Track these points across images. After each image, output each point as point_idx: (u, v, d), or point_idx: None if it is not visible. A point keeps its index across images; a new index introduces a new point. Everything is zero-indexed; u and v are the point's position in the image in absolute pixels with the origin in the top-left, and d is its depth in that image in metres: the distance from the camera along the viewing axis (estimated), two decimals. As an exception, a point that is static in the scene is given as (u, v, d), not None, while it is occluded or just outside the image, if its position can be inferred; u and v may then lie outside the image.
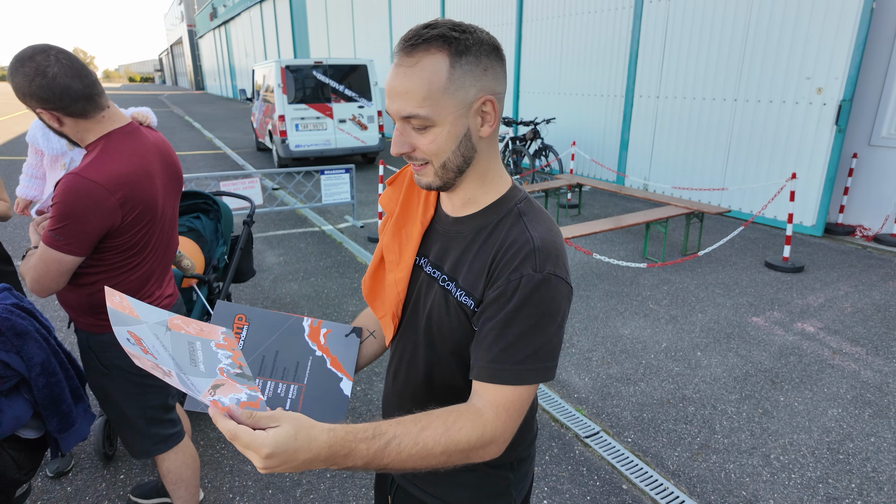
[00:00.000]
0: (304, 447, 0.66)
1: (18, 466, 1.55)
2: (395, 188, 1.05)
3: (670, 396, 2.95)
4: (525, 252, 0.82)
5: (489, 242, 0.88)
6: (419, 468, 0.75)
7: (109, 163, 1.43)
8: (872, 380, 3.10)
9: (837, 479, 2.36)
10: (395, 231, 1.00)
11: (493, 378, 0.81)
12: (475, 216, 0.92)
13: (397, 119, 0.83)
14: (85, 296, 1.55)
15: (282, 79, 8.91)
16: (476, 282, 0.86)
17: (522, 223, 0.87)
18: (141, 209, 1.50)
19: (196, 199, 2.80)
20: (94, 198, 1.37)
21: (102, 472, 2.36)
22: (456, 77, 0.79)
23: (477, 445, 0.78)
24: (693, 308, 4.03)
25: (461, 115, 0.81)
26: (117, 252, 1.51)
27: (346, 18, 17.28)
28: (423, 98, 0.78)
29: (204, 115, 21.71)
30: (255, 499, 2.24)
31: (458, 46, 0.78)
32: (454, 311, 0.89)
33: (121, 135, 1.50)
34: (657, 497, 2.25)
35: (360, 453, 0.71)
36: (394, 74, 0.80)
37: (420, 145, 0.83)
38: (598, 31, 8.15)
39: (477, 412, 0.79)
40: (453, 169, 0.85)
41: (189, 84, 56.08)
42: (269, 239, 5.83)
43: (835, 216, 5.97)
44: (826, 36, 5.40)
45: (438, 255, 0.94)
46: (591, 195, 7.83)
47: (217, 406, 0.66)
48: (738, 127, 6.40)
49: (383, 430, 0.73)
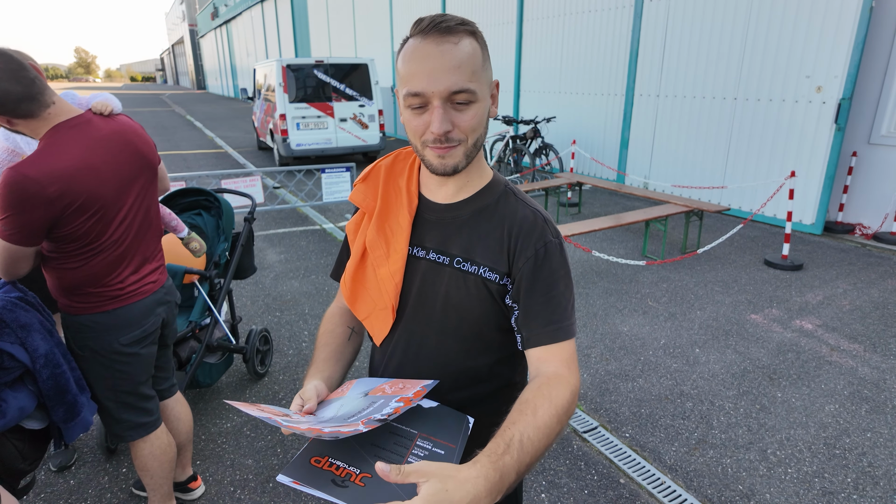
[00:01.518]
0: (459, 492, 0.63)
1: (23, 457, 1.57)
2: (370, 184, 1.05)
3: (668, 392, 2.97)
4: (539, 222, 0.94)
5: (496, 220, 0.95)
6: (545, 449, 0.78)
7: (48, 157, 1.45)
8: (870, 376, 3.11)
9: (833, 473, 2.38)
10: (379, 225, 1.00)
11: (555, 338, 0.90)
12: (472, 199, 0.97)
13: (440, 97, 0.83)
14: (55, 279, 1.62)
15: (283, 78, 8.93)
16: (497, 257, 0.93)
17: (520, 200, 0.98)
18: (83, 201, 1.51)
19: (197, 195, 2.82)
20: (28, 191, 1.40)
21: (105, 466, 2.39)
22: (486, 58, 0.87)
23: (572, 401, 0.85)
24: (692, 305, 4.05)
25: (487, 93, 0.88)
26: (69, 241, 1.55)
27: (347, 17, 17.30)
28: (472, 72, 0.83)
29: (205, 114, 21.74)
30: (256, 492, 2.26)
31: (478, 35, 0.87)
32: (476, 290, 0.93)
33: (66, 128, 1.52)
34: (654, 491, 2.26)
35: (509, 467, 0.70)
36: (439, 51, 0.81)
37: (461, 122, 0.85)
38: (599, 30, 8.16)
39: (558, 375, 0.87)
40: (479, 146, 0.91)
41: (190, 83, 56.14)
42: (270, 237, 5.85)
43: (834, 214, 5.98)
44: (826, 34, 5.41)
45: (438, 241, 0.97)
46: (591, 194, 7.85)
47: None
48: (737, 125, 6.41)
49: (509, 435, 0.74)
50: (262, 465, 2.41)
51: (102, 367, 1.72)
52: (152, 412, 1.88)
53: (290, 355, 3.37)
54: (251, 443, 2.57)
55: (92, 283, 1.63)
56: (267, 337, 3.19)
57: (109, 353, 1.70)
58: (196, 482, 2.24)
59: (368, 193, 1.04)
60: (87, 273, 1.61)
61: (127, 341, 1.71)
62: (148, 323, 1.76)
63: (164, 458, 1.92)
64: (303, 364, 3.26)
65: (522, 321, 0.92)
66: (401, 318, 1.01)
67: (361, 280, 1.03)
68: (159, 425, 1.91)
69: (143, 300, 1.75)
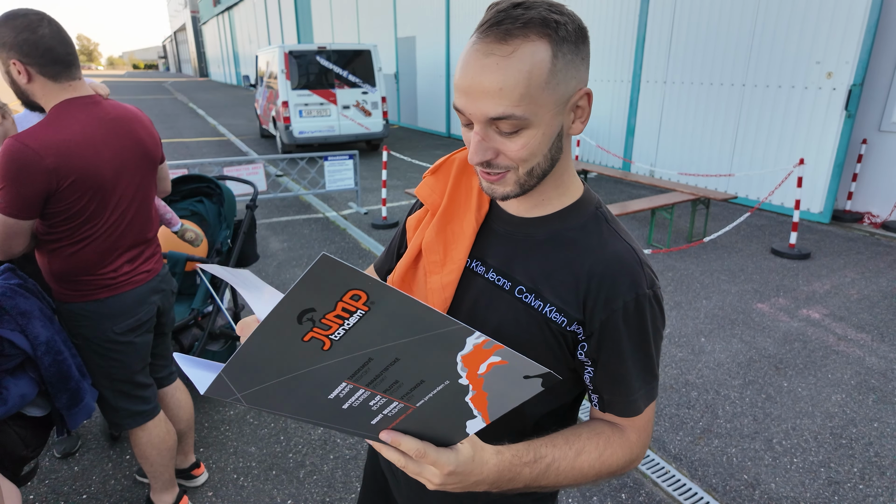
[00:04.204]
0: (477, 470, 0.65)
1: (25, 444, 1.57)
2: (440, 178, 0.91)
3: (673, 382, 2.95)
4: (632, 265, 0.76)
5: (575, 251, 0.78)
6: (566, 486, 0.77)
7: (49, 129, 1.47)
8: (877, 366, 3.08)
9: (840, 463, 2.36)
10: (441, 227, 0.87)
11: (639, 410, 0.80)
12: (550, 218, 0.81)
13: (479, 121, 0.68)
14: (48, 264, 1.61)
15: (285, 65, 8.86)
16: (570, 297, 0.76)
17: (612, 230, 0.80)
18: (77, 177, 1.51)
19: (199, 182, 2.80)
20: (25, 160, 1.41)
21: (108, 453, 2.39)
22: (558, 69, 0.67)
23: (625, 468, 0.79)
24: (698, 294, 4.02)
25: (558, 112, 0.69)
26: (62, 220, 1.54)
27: (350, 3, 17.12)
28: (521, 95, 0.65)
29: (208, 101, 21.66)
30: (259, 479, 2.26)
31: (561, 31, 0.66)
32: (537, 329, 0.78)
33: (77, 104, 1.55)
34: (659, 480, 2.25)
35: (523, 477, 0.70)
36: (480, 66, 0.65)
37: (508, 151, 0.70)
38: (605, 16, 8.04)
39: (624, 437, 0.79)
40: (539, 175, 0.74)
41: (193, 71, 55.91)
42: (272, 225, 5.84)
43: (843, 203, 5.91)
44: (836, 19, 5.30)
45: (502, 259, 0.82)
46: (596, 182, 7.78)
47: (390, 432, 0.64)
48: (745, 112, 6.32)
49: (542, 453, 0.72)
50: (265, 453, 2.42)
51: (96, 356, 1.71)
52: (149, 400, 1.88)
53: (293, 343, 3.36)
54: (254, 430, 2.57)
55: (84, 271, 1.62)
56: (270, 325, 3.18)
57: (103, 342, 1.69)
58: (199, 469, 2.24)
59: (436, 189, 0.91)
60: (79, 260, 1.60)
61: (121, 330, 1.70)
62: (142, 311, 1.76)
63: (162, 447, 1.92)
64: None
65: (600, 385, 0.80)
66: None
67: (410, 284, 0.91)
68: (157, 413, 1.91)
69: (137, 289, 1.74)
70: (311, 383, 0.59)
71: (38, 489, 2.19)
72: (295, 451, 2.44)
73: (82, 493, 2.18)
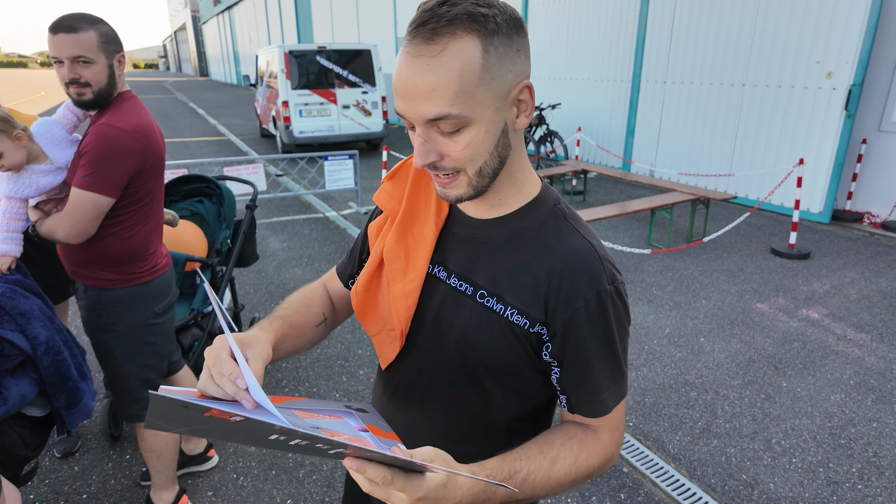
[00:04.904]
0: (450, 494, 0.63)
1: (25, 444, 1.58)
2: (397, 184, 0.90)
3: (672, 382, 2.95)
4: (592, 261, 0.75)
5: (535, 250, 0.77)
6: (546, 496, 0.75)
7: (131, 115, 1.62)
8: (876, 366, 3.09)
9: (838, 463, 2.36)
10: (401, 234, 0.85)
11: (608, 409, 0.79)
12: (509, 218, 0.80)
13: (419, 123, 0.68)
14: (103, 248, 1.69)
15: (285, 64, 8.86)
16: (531, 298, 0.76)
17: (571, 227, 0.78)
18: (155, 159, 1.68)
19: (199, 182, 2.80)
20: (122, 143, 1.56)
21: (109, 453, 2.40)
22: (491, 64, 0.65)
23: (601, 469, 0.78)
24: (697, 294, 4.02)
25: (499, 108, 0.68)
26: (134, 201, 1.68)
27: (350, 2, 17.12)
28: (455, 94, 0.64)
29: (208, 101, 21.66)
30: (258, 479, 2.27)
31: (490, 25, 0.65)
32: (500, 333, 0.77)
33: (130, 95, 1.71)
34: (657, 480, 2.26)
35: (498, 495, 0.68)
36: (411, 68, 0.65)
37: (451, 152, 0.69)
38: (605, 15, 8.03)
39: (598, 439, 0.78)
40: (489, 174, 0.73)
41: (193, 70, 55.90)
42: (272, 225, 5.84)
43: (842, 203, 5.91)
44: (836, 19, 5.30)
45: (464, 264, 0.81)
46: (596, 181, 7.79)
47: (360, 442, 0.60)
48: (745, 112, 6.32)
49: (517, 467, 0.70)
50: (265, 453, 2.42)
51: (134, 342, 1.78)
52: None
53: (293, 343, 3.36)
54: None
55: (140, 252, 1.74)
56: (270, 325, 3.18)
57: (143, 325, 1.78)
58: (212, 450, 2.36)
59: (394, 194, 0.89)
60: (135, 242, 1.72)
61: (160, 310, 1.82)
62: (172, 292, 1.91)
63: (170, 438, 1.96)
64: (306, 353, 3.25)
65: (567, 385, 0.79)
66: (411, 348, 0.86)
67: (374, 292, 0.90)
68: None
69: (167, 272, 1.88)
70: (244, 432, 0.60)
71: (38, 489, 2.20)
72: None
73: (82, 492, 2.18)
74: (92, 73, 1.56)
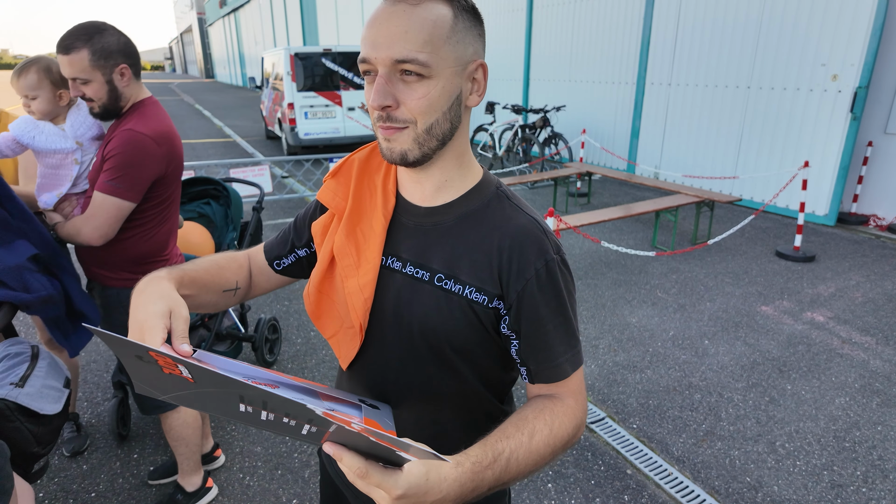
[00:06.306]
0: (435, 488, 0.61)
1: (37, 441, 1.60)
2: (341, 181, 0.91)
3: (676, 384, 2.96)
4: (537, 234, 0.80)
5: (484, 230, 0.81)
6: (530, 473, 0.75)
7: (154, 121, 1.66)
8: (882, 369, 3.08)
9: (843, 466, 2.36)
10: (350, 229, 0.87)
11: (565, 373, 0.81)
12: (455, 204, 0.83)
13: (385, 64, 0.71)
14: (121, 250, 1.74)
15: (291, 66, 8.90)
16: (485, 275, 0.79)
17: (514, 206, 0.83)
18: (176, 164, 1.74)
19: (206, 185, 2.83)
20: (145, 148, 1.60)
21: (117, 452, 2.42)
22: (459, 29, 0.73)
23: (575, 435, 0.80)
24: (702, 297, 4.02)
25: (457, 72, 0.74)
26: (154, 204, 1.73)
27: (355, 5, 17.18)
28: (425, 41, 0.70)
29: (214, 103, 21.77)
30: (264, 479, 2.29)
31: (461, 2, 0.74)
32: (461, 313, 0.80)
33: (152, 101, 1.75)
34: (661, 482, 2.26)
35: (487, 481, 0.68)
36: (388, 14, 0.71)
37: (408, 100, 0.72)
38: (610, 18, 8.04)
39: (565, 405, 0.80)
40: (438, 136, 0.76)
41: (199, 72, 56.17)
42: (278, 226, 5.87)
43: (848, 205, 5.89)
44: (842, 21, 5.29)
45: (417, 252, 0.83)
46: (600, 183, 7.78)
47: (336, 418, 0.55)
48: (750, 114, 6.31)
49: (499, 448, 0.70)
50: (271, 453, 2.44)
51: None
52: None
53: (298, 344, 3.39)
54: (259, 430, 2.59)
55: (159, 252, 1.79)
56: (276, 326, 3.21)
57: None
58: (218, 450, 2.37)
59: (339, 192, 0.91)
60: (155, 243, 1.78)
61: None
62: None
63: (195, 424, 2.01)
64: (311, 353, 3.28)
65: (525, 355, 0.81)
66: (371, 341, 0.87)
67: (328, 292, 0.90)
68: None
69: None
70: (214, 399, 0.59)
71: (47, 487, 2.22)
72: (300, 450, 2.46)
73: (91, 491, 2.21)
74: (91, 90, 1.59)
